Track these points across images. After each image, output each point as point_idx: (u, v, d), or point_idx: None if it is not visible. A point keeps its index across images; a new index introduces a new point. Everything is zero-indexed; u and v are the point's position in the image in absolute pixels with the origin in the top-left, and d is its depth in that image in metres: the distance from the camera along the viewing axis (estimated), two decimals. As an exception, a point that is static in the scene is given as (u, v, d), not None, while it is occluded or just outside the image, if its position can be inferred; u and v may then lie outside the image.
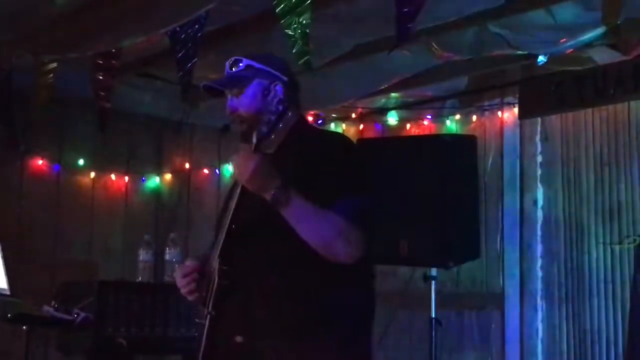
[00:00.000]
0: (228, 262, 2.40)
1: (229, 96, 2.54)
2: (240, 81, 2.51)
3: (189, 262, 2.55)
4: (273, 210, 2.27)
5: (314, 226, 2.29)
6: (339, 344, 2.37)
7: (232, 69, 2.55)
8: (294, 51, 2.96)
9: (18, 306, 3.92)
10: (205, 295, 2.44)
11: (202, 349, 2.41)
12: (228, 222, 2.40)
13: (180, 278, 2.52)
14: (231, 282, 2.39)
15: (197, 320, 2.47)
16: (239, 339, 2.37)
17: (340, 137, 2.71)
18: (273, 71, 2.53)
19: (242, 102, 2.49)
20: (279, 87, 2.51)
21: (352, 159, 2.47)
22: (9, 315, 3.79)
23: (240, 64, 2.53)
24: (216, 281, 2.39)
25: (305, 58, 2.97)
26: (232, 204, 2.39)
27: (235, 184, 2.51)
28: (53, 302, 4.06)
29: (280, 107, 2.45)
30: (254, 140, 2.34)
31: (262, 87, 2.49)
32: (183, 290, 2.52)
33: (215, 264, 2.42)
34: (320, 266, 2.32)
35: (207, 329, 2.40)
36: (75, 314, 3.94)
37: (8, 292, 4.06)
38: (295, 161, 2.40)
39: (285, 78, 2.54)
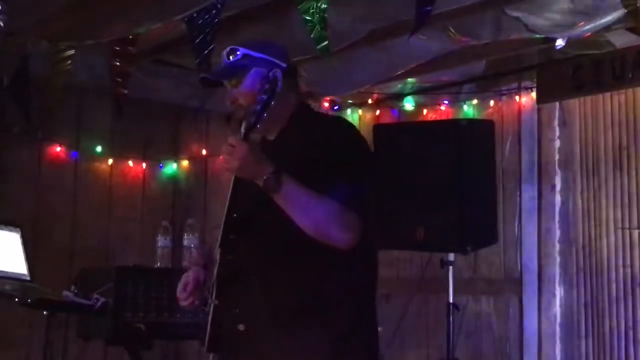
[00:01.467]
0: (229, 251, 2.42)
1: (228, 86, 2.53)
2: (237, 71, 2.50)
3: (189, 275, 2.58)
4: (268, 197, 2.28)
5: (306, 211, 2.28)
6: (340, 331, 2.38)
7: (229, 59, 2.53)
8: (311, 36, 2.95)
9: (38, 291, 3.95)
10: (209, 283, 2.47)
11: (206, 337, 2.43)
12: (225, 211, 2.41)
13: (181, 290, 2.57)
14: (232, 272, 2.41)
15: (203, 308, 2.50)
16: (241, 327, 2.39)
17: (341, 121, 2.66)
18: (271, 58, 2.51)
19: (241, 92, 2.49)
20: (278, 74, 2.41)
21: (353, 143, 2.45)
22: (29, 300, 3.81)
23: (238, 53, 2.51)
24: (216, 271, 2.42)
25: (324, 43, 2.95)
26: (229, 193, 2.41)
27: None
28: (73, 288, 4.08)
29: (266, 85, 2.30)
30: (242, 129, 2.30)
31: (261, 76, 2.43)
32: (182, 303, 2.58)
33: (216, 253, 2.44)
34: (318, 253, 2.33)
35: (211, 318, 2.42)
36: (95, 299, 3.96)
37: (28, 278, 4.09)
38: (295, 146, 2.42)
39: (283, 65, 2.51)
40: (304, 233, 2.29)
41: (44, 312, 3.86)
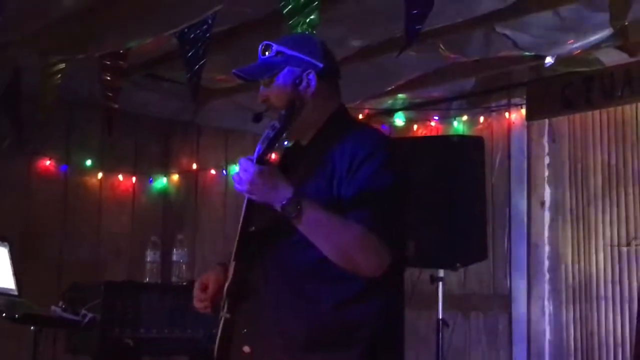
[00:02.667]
0: (244, 266, 2.27)
1: (262, 84, 2.35)
2: (270, 69, 2.32)
3: (210, 274, 2.41)
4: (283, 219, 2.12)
5: (329, 237, 2.12)
6: None
7: (264, 54, 2.35)
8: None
9: (26, 306, 3.93)
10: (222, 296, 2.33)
11: (215, 351, 2.31)
12: (241, 223, 2.25)
13: (198, 291, 2.40)
14: (244, 288, 2.26)
15: (219, 316, 2.33)
16: (246, 349, 2.25)
17: (376, 135, 2.37)
18: (306, 57, 2.31)
19: (273, 90, 2.31)
20: (312, 77, 2.29)
21: (385, 161, 2.21)
22: (17, 315, 3.79)
23: (272, 49, 2.33)
24: (228, 285, 2.28)
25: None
26: (244, 209, 2.24)
27: None
28: (61, 303, 4.06)
29: (284, 111, 2.14)
30: (255, 153, 2.09)
31: (294, 76, 2.29)
32: (197, 305, 2.40)
33: (231, 267, 2.29)
34: (336, 281, 2.17)
35: (221, 332, 2.29)
36: (83, 314, 3.94)
37: (16, 293, 4.07)
38: (325, 156, 2.24)
39: (320, 65, 2.31)
40: (318, 255, 2.13)
41: (32, 328, 3.84)
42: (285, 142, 2.48)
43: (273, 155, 2.21)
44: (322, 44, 2.40)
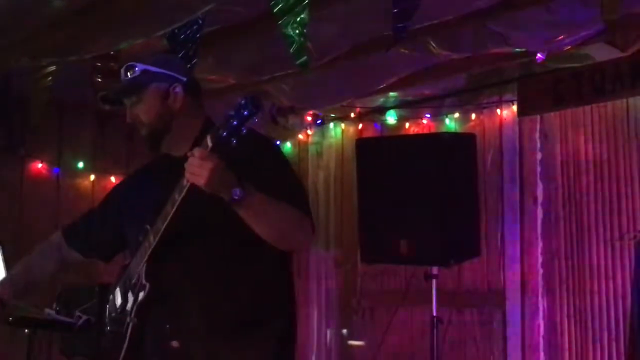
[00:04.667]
0: (158, 266, 2.34)
1: (127, 104, 2.45)
2: (137, 87, 2.42)
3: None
4: (212, 209, 2.23)
5: (272, 219, 2.26)
6: (277, 341, 2.39)
7: (127, 75, 2.44)
8: (292, 51, 2.96)
9: (20, 309, 3.91)
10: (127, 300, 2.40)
11: (121, 356, 2.35)
12: (164, 226, 2.29)
13: None
14: (158, 287, 2.33)
15: (109, 328, 2.44)
16: (175, 343, 2.34)
17: (255, 137, 2.41)
18: (171, 73, 2.44)
19: (142, 109, 2.42)
20: (178, 90, 2.42)
21: (272, 154, 2.48)
22: (11, 318, 3.78)
23: (136, 69, 2.43)
24: (147, 289, 2.33)
25: (303, 58, 2.96)
26: (170, 208, 2.26)
27: (145, 182, 2.53)
28: (55, 305, 4.05)
29: (242, 100, 2.13)
30: (209, 143, 2.14)
31: (161, 91, 2.41)
32: None
33: (140, 270, 2.35)
34: (251, 265, 2.34)
35: (130, 338, 2.33)
36: (77, 316, 3.93)
37: (9, 296, 4.05)
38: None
39: (184, 79, 2.45)
40: (240, 245, 2.29)
41: (26, 331, 3.83)
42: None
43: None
44: (182, 60, 2.59)
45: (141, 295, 2.35)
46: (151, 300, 2.34)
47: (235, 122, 2.09)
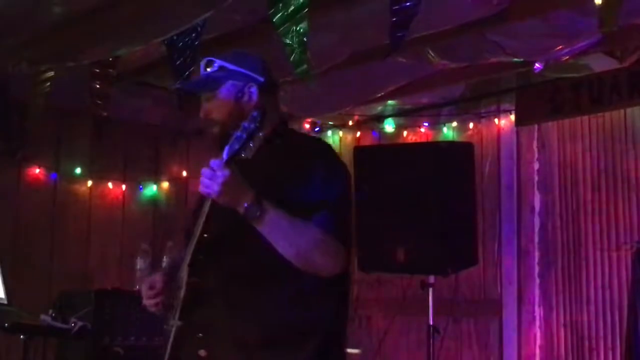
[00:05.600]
0: (197, 272, 2.30)
1: (202, 99, 2.44)
2: (212, 83, 2.41)
3: (156, 276, 2.47)
4: (244, 222, 2.18)
5: (288, 238, 2.19)
6: None
7: (205, 70, 2.45)
8: (291, 59, 2.96)
9: (15, 315, 3.91)
10: (173, 304, 2.36)
11: (166, 357, 2.34)
12: (199, 232, 2.28)
13: (147, 290, 2.44)
14: (198, 294, 2.30)
15: (165, 326, 2.38)
16: (202, 352, 2.29)
17: (323, 145, 2.51)
18: (247, 72, 2.41)
19: (215, 105, 2.40)
20: (253, 90, 2.39)
21: (333, 168, 2.35)
22: (6, 324, 3.78)
23: (215, 65, 2.43)
24: (183, 292, 2.31)
25: (303, 67, 2.96)
26: (203, 214, 2.26)
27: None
28: (50, 311, 4.05)
29: (255, 112, 2.20)
30: (224, 154, 2.16)
31: (235, 90, 2.38)
32: (148, 303, 2.44)
33: (184, 274, 2.32)
34: (288, 282, 2.25)
35: (173, 340, 2.32)
36: (73, 323, 3.93)
37: (5, 301, 4.05)
38: (273, 168, 2.31)
39: (261, 79, 2.41)
40: (274, 259, 2.20)
41: (21, 337, 3.82)
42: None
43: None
44: (262, 60, 2.48)
45: (180, 301, 2.32)
46: (191, 305, 2.31)
47: (244, 136, 2.13)
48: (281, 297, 2.26)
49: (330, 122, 6.32)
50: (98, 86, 4.45)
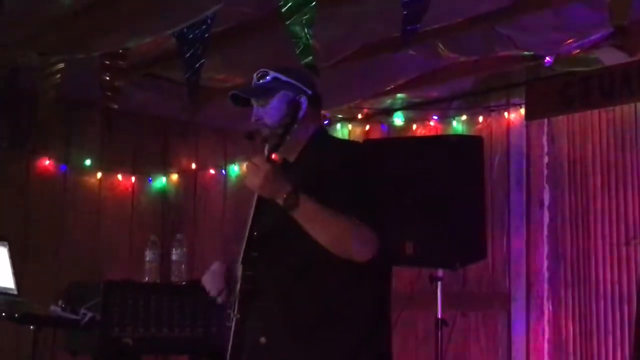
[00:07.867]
0: (250, 267, 2.52)
1: (255, 105, 2.65)
2: (266, 92, 2.63)
3: (218, 265, 2.71)
4: (289, 217, 2.40)
5: (324, 226, 2.41)
6: (355, 342, 2.50)
7: (259, 80, 2.67)
8: (298, 52, 2.96)
9: (25, 306, 3.93)
10: (232, 298, 2.59)
11: (229, 350, 2.53)
12: (248, 229, 2.51)
13: (211, 282, 2.67)
14: (253, 287, 2.52)
15: (227, 323, 2.59)
16: (262, 340, 2.52)
17: (356, 145, 2.90)
18: (299, 84, 2.64)
19: (268, 112, 2.62)
20: (303, 100, 2.61)
21: (367, 167, 2.59)
22: (16, 315, 3.79)
23: (268, 77, 2.65)
24: (240, 285, 2.52)
25: (309, 58, 2.98)
26: (252, 212, 2.50)
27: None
28: (60, 302, 4.06)
29: (290, 119, 2.47)
30: (266, 150, 2.43)
31: (287, 99, 2.60)
32: (212, 290, 2.67)
33: (239, 269, 2.55)
34: (333, 268, 2.45)
35: (234, 331, 2.52)
36: (82, 314, 3.94)
37: (15, 292, 4.07)
38: (312, 167, 2.54)
39: (309, 92, 2.64)
40: (320, 250, 2.42)
41: (31, 327, 3.84)
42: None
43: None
44: (311, 75, 2.79)
45: (237, 293, 2.54)
46: (247, 298, 2.52)
47: (280, 131, 2.41)
48: (328, 281, 2.50)
49: (339, 115, 6.31)
50: (108, 78, 4.46)
